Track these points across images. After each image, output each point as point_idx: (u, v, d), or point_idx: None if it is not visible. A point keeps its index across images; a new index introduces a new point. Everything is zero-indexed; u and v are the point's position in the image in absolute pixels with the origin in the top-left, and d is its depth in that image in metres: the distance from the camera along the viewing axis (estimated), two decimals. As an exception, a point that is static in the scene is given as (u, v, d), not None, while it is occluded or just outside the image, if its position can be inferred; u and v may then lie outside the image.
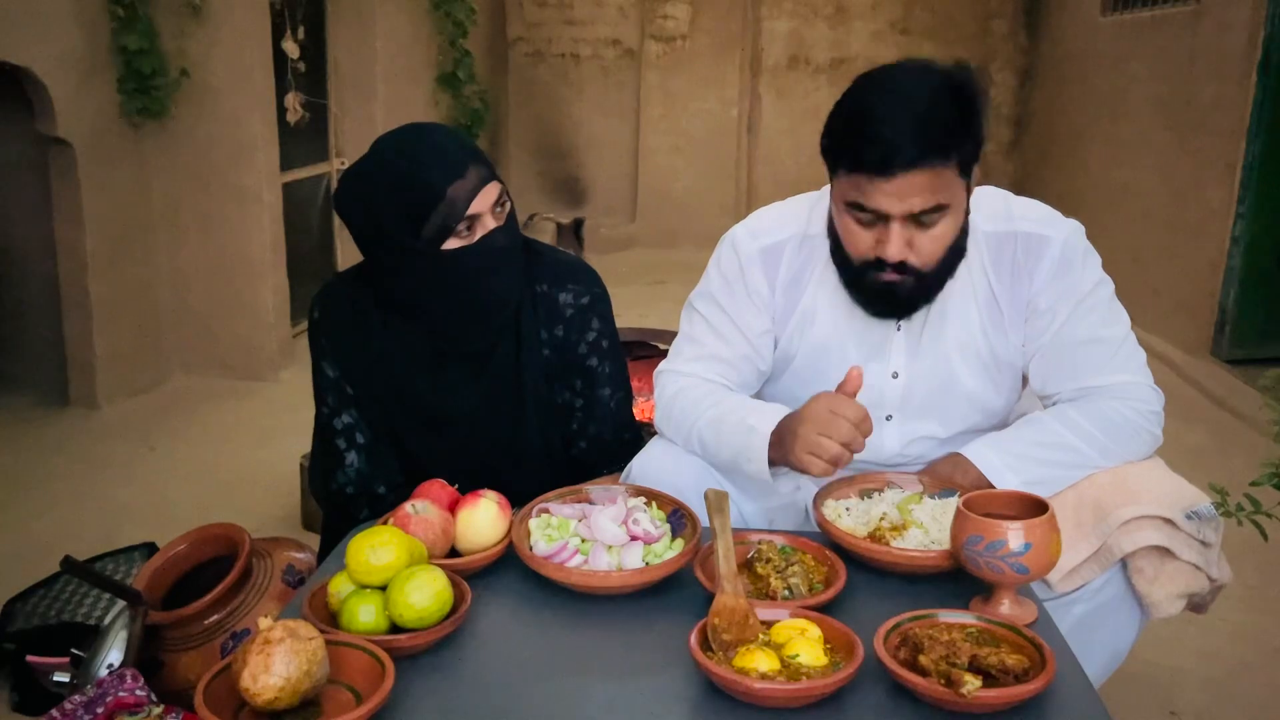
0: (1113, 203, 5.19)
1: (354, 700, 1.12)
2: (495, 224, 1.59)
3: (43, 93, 3.35)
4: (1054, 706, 1.11)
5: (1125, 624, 1.53)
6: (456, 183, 1.53)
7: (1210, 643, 2.28)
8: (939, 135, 1.38)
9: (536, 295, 1.73)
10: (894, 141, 1.37)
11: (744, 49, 6.86)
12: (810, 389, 1.60)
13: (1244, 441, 3.46)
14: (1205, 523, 1.46)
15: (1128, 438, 1.54)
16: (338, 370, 1.71)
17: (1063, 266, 1.56)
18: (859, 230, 1.48)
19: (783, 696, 1.10)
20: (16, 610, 2.15)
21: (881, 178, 1.39)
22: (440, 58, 5.42)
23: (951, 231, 1.47)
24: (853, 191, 1.44)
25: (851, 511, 1.50)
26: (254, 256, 4.02)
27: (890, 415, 1.65)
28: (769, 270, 1.63)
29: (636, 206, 7.03)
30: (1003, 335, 1.60)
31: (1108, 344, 1.58)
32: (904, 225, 1.44)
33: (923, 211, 1.42)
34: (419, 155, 1.56)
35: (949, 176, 1.42)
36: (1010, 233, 1.58)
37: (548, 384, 1.74)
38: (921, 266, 1.47)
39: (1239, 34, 4.13)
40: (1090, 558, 1.47)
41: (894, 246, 1.44)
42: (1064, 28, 6.12)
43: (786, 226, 1.65)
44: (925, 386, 1.63)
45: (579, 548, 1.40)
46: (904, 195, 1.40)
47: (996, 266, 1.58)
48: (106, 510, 2.93)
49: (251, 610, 1.79)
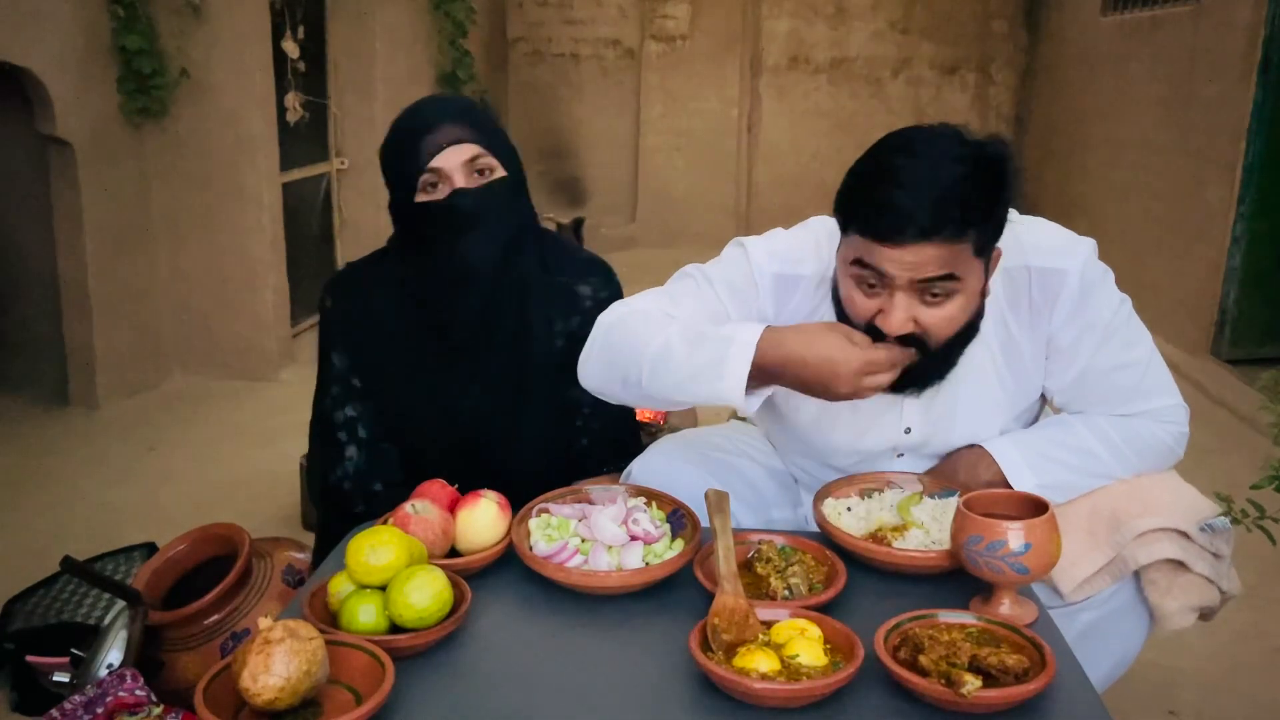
0: (1113, 203, 5.19)
1: (354, 700, 1.12)
2: (464, 184, 1.62)
3: (43, 93, 3.35)
4: (1054, 706, 1.11)
5: (1133, 632, 1.53)
6: (426, 136, 1.62)
7: (1210, 643, 2.28)
8: (957, 212, 1.29)
9: (556, 286, 1.75)
10: (909, 211, 1.28)
11: (744, 49, 6.86)
12: (819, 439, 1.60)
13: (1244, 441, 3.46)
14: (1218, 535, 1.46)
15: (1154, 456, 1.53)
16: (347, 361, 1.71)
17: (1082, 299, 1.48)
18: (859, 296, 1.38)
19: (783, 696, 1.10)
20: (16, 610, 2.15)
21: (889, 245, 1.31)
22: (440, 57, 5.42)
23: (962, 313, 1.37)
24: (859, 250, 1.35)
25: (852, 511, 1.50)
26: (254, 256, 4.02)
27: (902, 454, 1.62)
28: (780, 298, 1.55)
29: (636, 206, 7.03)
30: (1024, 377, 1.54)
31: (1134, 368, 1.52)
32: (909, 296, 1.34)
33: (929, 279, 1.32)
34: (412, 111, 1.69)
35: (964, 252, 1.33)
36: (1023, 268, 1.48)
37: (561, 376, 1.74)
38: (929, 343, 1.37)
39: (1239, 34, 4.13)
40: (1104, 568, 1.46)
41: (896, 319, 1.34)
42: (1064, 28, 6.12)
43: (804, 262, 1.54)
44: (940, 439, 1.58)
45: (579, 548, 1.40)
46: (912, 264, 1.31)
47: (1013, 304, 1.50)
48: (106, 510, 2.93)
49: (251, 610, 1.79)
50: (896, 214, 1.29)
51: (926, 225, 1.28)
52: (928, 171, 1.30)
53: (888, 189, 1.30)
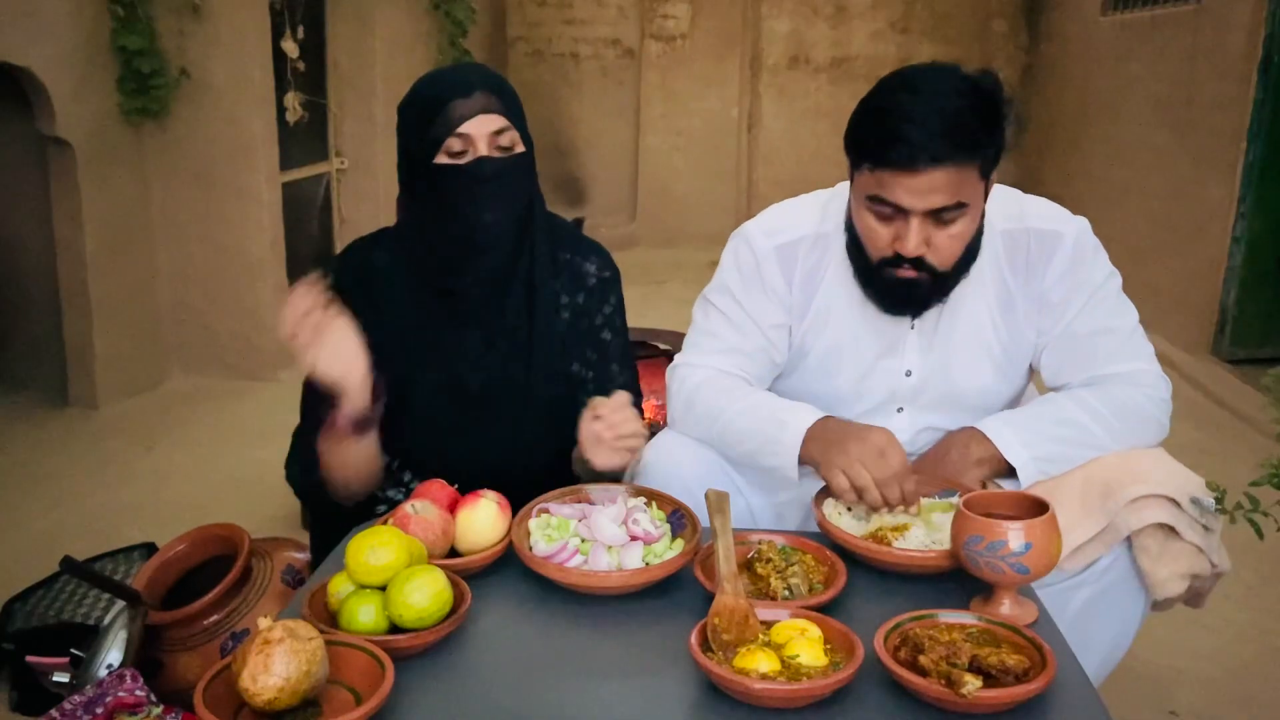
0: (1113, 202, 5.19)
1: (354, 700, 1.12)
2: (488, 153, 1.62)
3: (43, 93, 3.36)
4: (1054, 706, 1.11)
5: (1129, 610, 1.54)
6: (459, 100, 1.60)
7: (1210, 643, 2.28)
8: (965, 136, 1.42)
9: (559, 262, 1.75)
10: (921, 140, 1.40)
11: (744, 48, 6.86)
12: (824, 384, 1.67)
13: (1244, 441, 3.47)
14: (1207, 510, 1.47)
15: (1138, 423, 1.59)
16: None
17: (1075, 260, 1.60)
18: (878, 226, 1.50)
19: (783, 697, 1.10)
20: (16, 610, 2.15)
21: (906, 174, 1.42)
22: (440, 57, 5.42)
23: (969, 231, 1.50)
24: (874, 186, 1.47)
25: (852, 511, 1.50)
26: (254, 256, 4.02)
27: (901, 408, 1.69)
28: (785, 267, 1.67)
29: (636, 206, 7.03)
30: (1016, 330, 1.64)
31: (1118, 334, 1.63)
32: (923, 222, 1.46)
33: (943, 209, 1.45)
34: (441, 73, 1.69)
35: (970, 177, 1.45)
36: (1023, 230, 1.62)
37: (564, 348, 1.75)
38: (939, 265, 1.50)
39: (1239, 34, 4.13)
40: (1096, 536, 1.48)
41: (912, 242, 1.47)
42: (1064, 28, 6.12)
43: (800, 225, 1.68)
44: (937, 383, 1.67)
45: (579, 548, 1.40)
46: (926, 192, 1.43)
47: (1011, 262, 1.62)
48: (106, 510, 2.93)
49: (251, 610, 1.79)
50: (909, 145, 1.41)
51: (940, 152, 1.40)
52: (932, 104, 1.42)
53: (896, 123, 1.42)
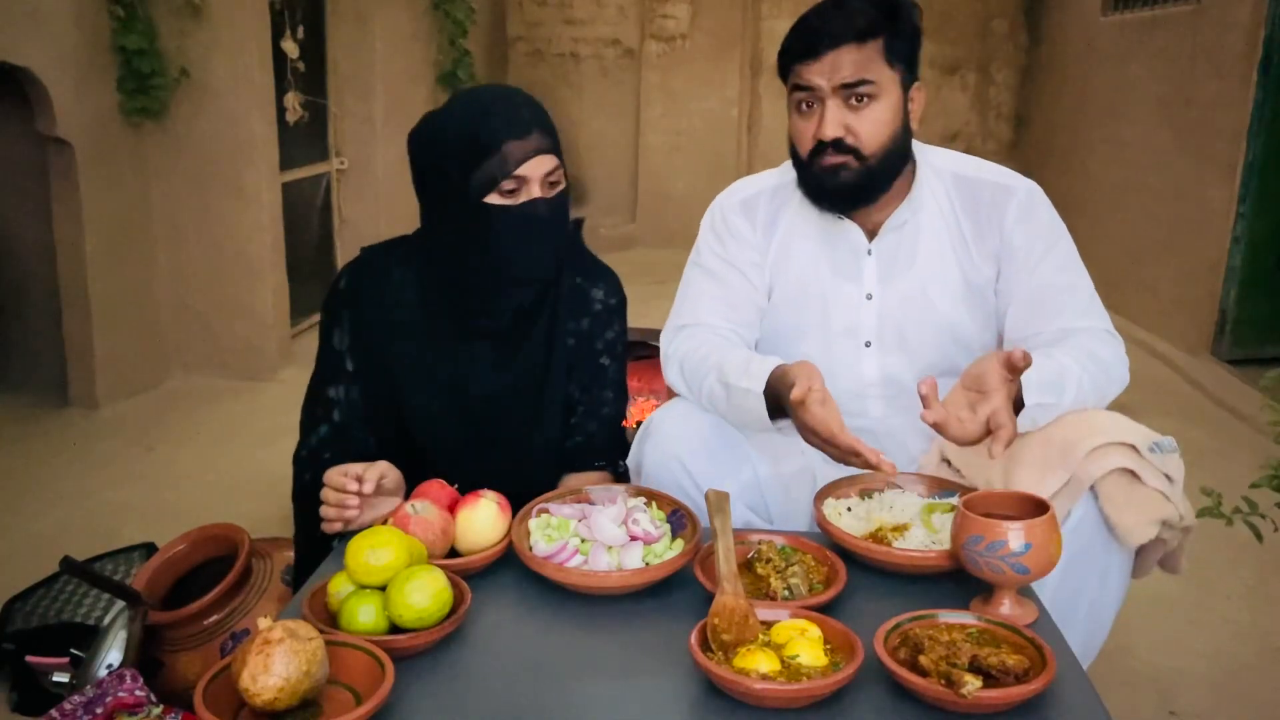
0: (1113, 203, 5.19)
1: (354, 700, 1.12)
2: (541, 195, 1.61)
3: (42, 93, 3.35)
4: (1054, 706, 1.11)
5: (1109, 567, 1.51)
6: (515, 141, 1.57)
7: (1210, 643, 2.28)
8: (861, 18, 1.58)
9: (570, 286, 1.76)
10: (818, 24, 1.60)
11: (744, 49, 6.86)
12: (794, 316, 1.77)
13: (1244, 441, 3.47)
14: (1168, 456, 1.47)
15: (1108, 381, 1.61)
16: (346, 341, 1.70)
17: (1028, 210, 1.70)
18: (801, 122, 1.65)
19: (783, 697, 1.10)
20: (16, 610, 2.15)
21: (813, 60, 1.60)
22: (440, 57, 5.42)
23: (886, 118, 1.62)
24: (792, 79, 1.64)
25: (852, 511, 1.50)
26: (254, 256, 4.02)
27: (869, 342, 1.74)
28: (749, 215, 1.81)
29: (636, 206, 7.03)
30: (974, 265, 1.71)
31: (1082, 291, 1.69)
32: (839, 105, 1.61)
33: (851, 85, 1.58)
34: (491, 107, 1.61)
35: (875, 58, 1.59)
36: (977, 178, 1.73)
37: (566, 373, 1.76)
38: (861, 148, 1.61)
39: (1239, 34, 4.13)
40: (1061, 491, 1.47)
41: (829, 123, 1.60)
42: (1064, 28, 6.12)
43: (760, 182, 1.85)
44: (900, 311, 1.72)
45: (579, 548, 1.40)
46: (830, 71, 1.59)
47: (965, 205, 1.72)
48: (106, 510, 2.93)
49: (251, 610, 1.79)
50: (811, 32, 1.61)
51: (835, 32, 1.59)
52: (837, 3, 1.62)
53: (802, 22, 1.64)
